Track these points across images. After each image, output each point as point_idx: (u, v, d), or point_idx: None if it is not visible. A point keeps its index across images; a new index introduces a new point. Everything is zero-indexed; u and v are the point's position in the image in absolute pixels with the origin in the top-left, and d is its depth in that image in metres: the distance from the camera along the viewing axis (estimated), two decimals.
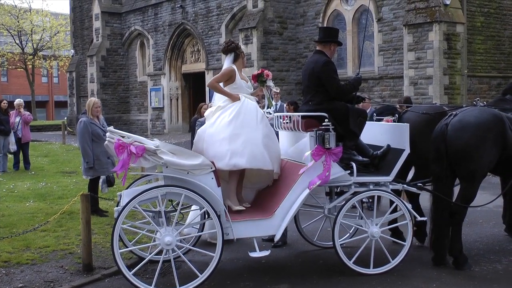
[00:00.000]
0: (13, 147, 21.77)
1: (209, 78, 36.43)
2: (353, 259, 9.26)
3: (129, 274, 8.38)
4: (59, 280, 9.14)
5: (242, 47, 30.07)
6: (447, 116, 9.84)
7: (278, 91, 17.41)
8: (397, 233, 10.70)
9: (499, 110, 10.02)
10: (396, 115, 11.08)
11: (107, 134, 8.80)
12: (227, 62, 9.87)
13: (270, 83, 10.20)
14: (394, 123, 10.59)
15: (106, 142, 8.82)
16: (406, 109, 11.69)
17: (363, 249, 9.39)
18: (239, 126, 9.28)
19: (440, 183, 9.73)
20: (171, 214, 9.50)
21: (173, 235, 8.57)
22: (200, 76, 38.20)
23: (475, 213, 12.58)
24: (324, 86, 9.51)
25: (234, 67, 9.74)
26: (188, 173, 8.67)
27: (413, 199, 11.03)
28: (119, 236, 8.73)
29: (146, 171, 9.50)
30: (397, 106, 13.13)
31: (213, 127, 9.42)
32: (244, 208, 9.35)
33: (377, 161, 9.75)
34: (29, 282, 9.03)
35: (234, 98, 9.49)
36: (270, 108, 10.41)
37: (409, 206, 9.79)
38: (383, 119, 11.17)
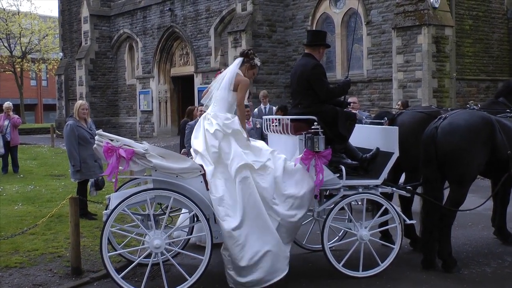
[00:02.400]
0: (0, 150, 21.74)
1: (198, 81, 36.45)
2: (342, 262, 9.26)
3: (118, 278, 8.36)
4: (47, 283, 9.11)
5: (231, 50, 30.34)
6: (436, 119, 9.85)
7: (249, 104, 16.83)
8: (386, 236, 10.72)
9: (489, 113, 10.05)
10: (386, 118, 11.07)
11: (96, 137, 8.77)
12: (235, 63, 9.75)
13: None
14: (384, 126, 10.59)
15: (95, 145, 8.80)
16: (401, 111, 11.72)
17: (352, 252, 9.39)
18: None
19: (430, 186, 9.75)
20: (160, 217, 9.49)
21: (162, 238, 8.56)
22: (189, 79, 38.15)
23: (464, 216, 12.60)
24: (313, 89, 9.52)
25: (240, 72, 9.65)
26: (177, 176, 8.66)
27: (406, 203, 11.07)
28: (108, 239, 8.72)
29: (135, 174, 9.48)
30: (397, 106, 13.14)
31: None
32: None
33: (366, 164, 9.76)
34: (18, 285, 9.00)
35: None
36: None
37: (398, 209, 9.80)
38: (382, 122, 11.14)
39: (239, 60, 9.75)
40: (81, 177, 13.49)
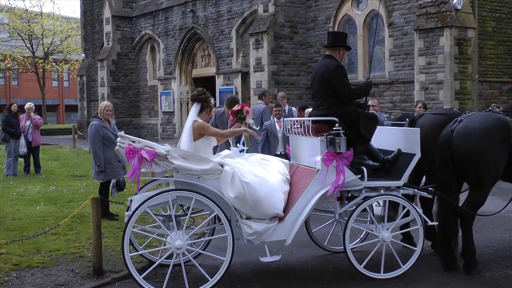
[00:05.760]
0: (23, 149, 21.89)
1: (219, 82, 36.46)
2: (364, 263, 9.23)
3: (139, 278, 8.40)
4: (69, 283, 9.16)
5: (253, 51, 30.39)
6: (452, 122, 9.79)
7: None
8: (408, 237, 10.68)
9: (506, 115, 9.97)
10: (407, 119, 11.04)
11: (118, 139, 8.82)
12: (193, 111, 9.39)
13: (249, 120, 10.05)
14: (405, 128, 10.56)
15: (117, 147, 8.84)
16: (422, 113, 11.67)
17: (374, 253, 9.37)
18: None
19: (445, 190, 9.67)
20: (181, 218, 9.52)
21: (184, 239, 8.58)
22: (211, 80, 38.11)
23: (485, 218, 12.50)
24: (335, 90, 9.50)
25: (199, 119, 9.30)
26: (198, 177, 8.69)
27: (427, 204, 11.01)
28: (130, 240, 8.73)
29: (156, 176, 9.50)
30: (418, 109, 13.09)
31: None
32: None
33: (388, 165, 9.73)
34: (40, 285, 9.06)
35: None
36: (245, 147, 10.09)
37: (420, 211, 9.77)
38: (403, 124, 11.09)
39: (196, 106, 9.39)
40: (105, 178, 13.54)
